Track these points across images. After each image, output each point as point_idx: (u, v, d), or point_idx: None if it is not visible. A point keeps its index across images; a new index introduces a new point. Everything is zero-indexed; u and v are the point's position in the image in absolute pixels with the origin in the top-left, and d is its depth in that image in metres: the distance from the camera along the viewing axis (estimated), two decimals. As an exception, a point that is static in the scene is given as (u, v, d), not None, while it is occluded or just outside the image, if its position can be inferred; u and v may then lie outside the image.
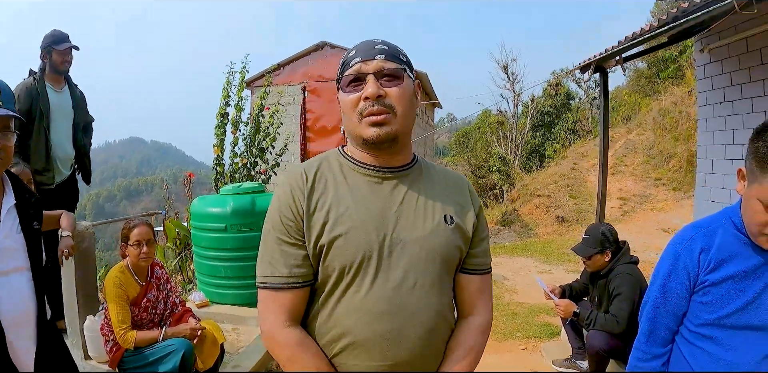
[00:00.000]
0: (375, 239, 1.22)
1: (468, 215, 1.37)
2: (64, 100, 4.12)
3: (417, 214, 1.28)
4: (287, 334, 1.23)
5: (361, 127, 1.23)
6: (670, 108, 14.72)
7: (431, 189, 1.35)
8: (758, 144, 1.42)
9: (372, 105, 1.21)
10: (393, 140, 1.25)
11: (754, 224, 1.45)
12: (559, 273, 7.71)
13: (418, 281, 1.24)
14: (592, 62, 4.96)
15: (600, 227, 3.69)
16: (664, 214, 11.58)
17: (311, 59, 14.40)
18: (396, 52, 1.27)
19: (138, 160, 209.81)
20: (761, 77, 4.25)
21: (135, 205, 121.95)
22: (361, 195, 1.27)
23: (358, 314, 1.21)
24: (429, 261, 1.26)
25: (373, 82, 1.21)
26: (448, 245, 1.29)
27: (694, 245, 1.58)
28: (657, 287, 1.67)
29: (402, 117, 1.25)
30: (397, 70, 1.25)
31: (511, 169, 22.35)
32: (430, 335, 1.25)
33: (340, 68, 1.30)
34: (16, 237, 1.73)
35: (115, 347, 3.10)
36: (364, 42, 1.29)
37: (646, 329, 1.71)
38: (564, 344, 4.39)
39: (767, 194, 1.38)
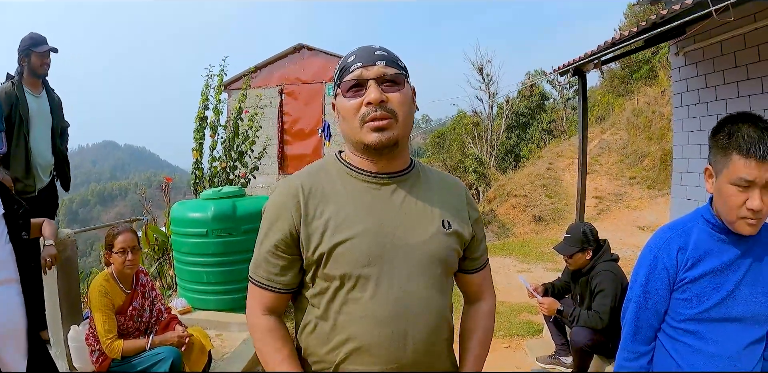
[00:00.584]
0: (376, 245, 1.24)
1: (465, 220, 1.40)
2: (42, 105, 4.06)
3: (416, 219, 1.30)
4: (261, 321, 1.33)
5: (363, 133, 1.24)
6: (644, 108, 14.97)
7: (429, 194, 1.37)
8: (718, 136, 1.54)
9: (375, 110, 1.22)
10: (394, 145, 1.27)
11: (730, 210, 1.51)
12: (539, 272, 7.80)
13: (420, 285, 1.26)
14: (571, 67, 5.04)
15: (581, 226, 3.75)
16: (639, 212, 11.78)
17: (288, 62, 14.34)
18: (395, 58, 1.29)
19: (112, 164, 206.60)
20: (735, 79, 4.36)
21: (109, 210, 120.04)
22: (360, 202, 1.29)
23: (363, 319, 1.23)
24: (429, 265, 1.28)
25: (375, 88, 1.22)
26: (446, 249, 1.32)
27: (671, 245, 1.65)
28: (638, 287, 1.72)
29: (403, 122, 1.27)
30: (398, 76, 1.26)
31: (487, 169, 22.50)
32: (434, 337, 1.28)
33: (337, 73, 1.31)
34: (4, 247, 1.70)
35: (101, 357, 3.07)
36: (362, 48, 1.30)
37: (631, 329, 1.76)
38: (547, 341, 4.45)
39: (736, 175, 1.46)
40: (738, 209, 1.49)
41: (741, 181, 1.46)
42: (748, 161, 1.44)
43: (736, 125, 1.50)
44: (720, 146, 1.52)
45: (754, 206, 1.44)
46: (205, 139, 7.36)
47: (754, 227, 1.50)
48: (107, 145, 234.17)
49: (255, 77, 13.32)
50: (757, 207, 1.44)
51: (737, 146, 1.47)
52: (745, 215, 1.48)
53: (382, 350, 1.22)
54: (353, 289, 1.24)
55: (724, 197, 1.53)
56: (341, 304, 1.25)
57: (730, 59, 4.40)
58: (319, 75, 13.94)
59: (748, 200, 1.46)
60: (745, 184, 1.46)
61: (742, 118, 1.52)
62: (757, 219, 1.48)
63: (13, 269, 1.71)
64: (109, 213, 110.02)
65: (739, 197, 1.48)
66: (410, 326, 1.24)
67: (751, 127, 1.47)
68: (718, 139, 1.53)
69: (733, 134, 1.49)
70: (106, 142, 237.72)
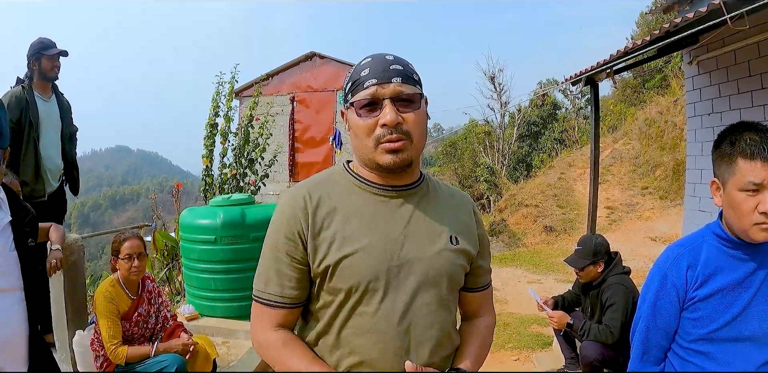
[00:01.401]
0: (383, 258, 1.22)
1: (471, 236, 1.38)
2: (52, 109, 4.08)
3: (424, 234, 1.28)
4: (273, 335, 1.26)
5: (377, 154, 1.21)
6: (656, 117, 14.88)
7: (437, 209, 1.34)
8: (721, 146, 1.54)
9: (390, 132, 1.19)
10: (407, 165, 1.25)
11: (743, 217, 1.48)
12: (549, 283, 7.72)
13: (426, 300, 1.24)
14: (583, 76, 5.00)
15: (593, 238, 3.70)
16: (652, 222, 11.67)
17: (300, 69, 14.41)
18: (410, 71, 1.24)
19: (124, 169, 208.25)
20: (749, 89, 4.31)
21: (120, 214, 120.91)
22: (368, 214, 1.26)
23: (367, 334, 1.20)
24: (436, 281, 1.26)
25: (391, 109, 1.18)
26: (453, 265, 1.29)
27: (681, 263, 1.61)
28: (647, 306, 1.68)
29: (417, 143, 1.24)
30: (414, 96, 1.22)
31: (498, 179, 22.41)
32: (437, 352, 1.26)
33: (350, 85, 1.26)
34: (8, 255, 1.69)
35: (105, 362, 3.05)
36: (376, 59, 1.24)
37: (640, 349, 1.72)
38: (556, 354, 4.39)
39: (744, 180, 1.45)
40: (750, 215, 1.46)
41: (749, 186, 1.44)
42: (754, 164, 1.43)
43: (737, 133, 1.50)
44: (724, 155, 1.52)
45: (766, 208, 1.42)
46: (215, 146, 7.40)
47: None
48: (120, 150, 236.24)
49: (266, 85, 13.39)
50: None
51: (741, 151, 1.46)
52: (759, 221, 1.44)
53: (386, 365, 1.20)
54: (358, 303, 1.21)
55: (734, 205, 1.50)
56: (346, 318, 1.22)
57: (744, 68, 4.35)
58: (330, 83, 14.00)
59: (759, 204, 1.43)
60: (754, 188, 1.44)
61: (741, 126, 1.52)
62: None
63: (16, 276, 1.69)
64: (120, 217, 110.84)
65: (750, 202, 1.45)
66: (414, 342, 1.22)
67: (751, 132, 1.47)
68: (722, 149, 1.53)
69: (735, 141, 1.49)
70: (119, 147, 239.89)
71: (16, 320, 1.68)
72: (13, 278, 1.69)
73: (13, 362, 1.65)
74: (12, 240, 1.71)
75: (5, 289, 1.65)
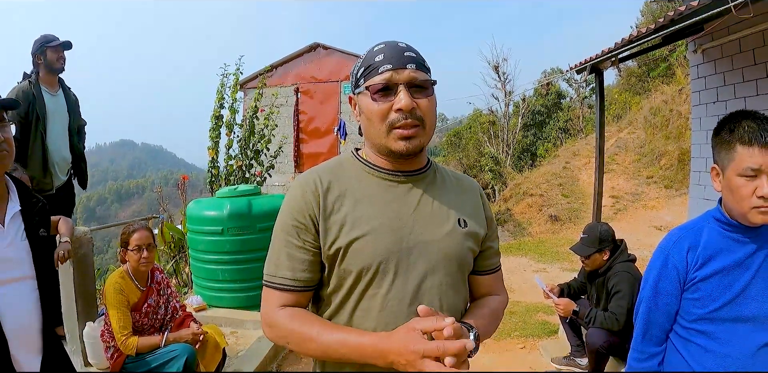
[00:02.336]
0: (393, 241, 1.23)
1: (479, 219, 1.39)
2: (59, 103, 4.10)
3: (433, 217, 1.29)
4: (280, 313, 1.25)
5: (390, 139, 1.23)
6: (661, 106, 14.82)
7: (445, 193, 1.36)
8: (720, 134, 1.60)
9: (405, 117, 1.20)
10: (419, 152, 1.27)
11: (741, 201, 1.53)
12: (555, 271, 7.74)
13: (436, 282, 1.26)
14: (588, 64, 4.99)
15: (598, 226, 3.71)
16: (657, 211, 11.66)
17: (304, 60, 14.37)
18: (422, 59, 1.26)
19: (129, 162, 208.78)
20: (754, 77, 4.29)
21: (126, 208, 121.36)
22: (377, 198, 1.28)
23: (379, 315, 1.22)
24: (445, 263, 1.27)
25: (406, 94, 1.19)
26: (462, 247, 1.31)
27: (682, 245, 1.67)
28: (649, 287, 1.74)
29: (429, 129, 1.26)
30: (427, 82, 1.23)
31: (503, 168, 22.36)
32: None
33: (362, 70, 1.27)
34: (20, 245, 1.70)
35: (116, 353, 3.09)
36: (389, 46, 1.25)
37: (641, 329, 1.77)
38: (562, 342, 4.41)
39: (742, 165, 1.52)
40: (749, 199, 1.51)
41: (748, 171, 1.50)
42: (752, 150, 1.49)
43: (736, 121, 1.55)
44: (723, 142, 1.58)
45: (764, 192, 1.47)
46: (221, 138, 7.42)
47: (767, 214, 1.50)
48: (125, 143, 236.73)
49: (271, 76, 13.36)
50: (767, 194, 1.47)
51: (739, 138, 1.52)
52: (757, 204, 1.50)
53: None
54: (369, 285, 1.23)
55: (733, 190, 1.55)
56: (357, 300, 1.24)
57: (749, 57, 4.33)
58: (334, 74, 13.96)
59: (757, 189, 1.49)
60: (752, 174, 1.50)
61: (740, 114, 1.57)
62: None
63: (29, 265, 1.70)
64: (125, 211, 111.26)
65: (748, 187, 1.51)
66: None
67: (749, 120, 1.52)
68: (721, 136, 1.59)
69: (734, 129, 1.54)
70: (124, 141, 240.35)
71: (30, 309, 1.69)
72: (26, 267, 1.69)
73: (27, 350, 1.66)
74: (23, 229, 1.72)
75: (18, 278, 1.66)
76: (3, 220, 1.67)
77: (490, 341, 4.88)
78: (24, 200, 1.77)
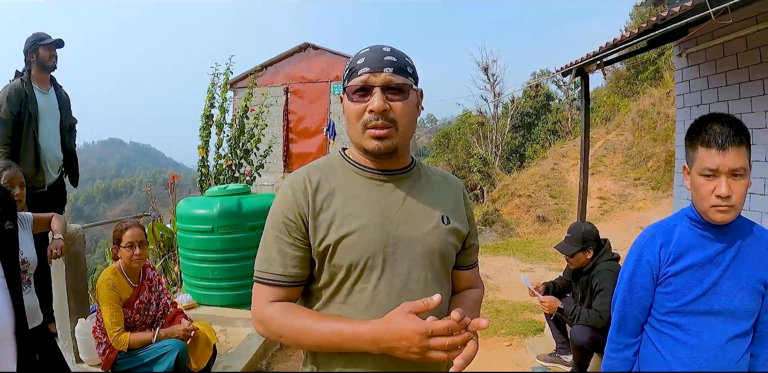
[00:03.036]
0: (380, 237, 1.28)
1: (462, 217, 1.45)
2: (51, 101, 4.12)
3: (417, 214, 1.34)
4: (272, 307, 1.28)
5: (364, 139, 1.28)
6: (649, 109, 14.98)
7: (429, 191, 1.41)
8: (690, 135, 1.68)
9: (377, 118, 1.25)
10: (392, 152, 1.31)
11: (702, 199, 1.62)
12: (541, 271, 7.82)
13: (421, 277, 1.30)
14: (574, 67, 5.07)
15: (582, 225, 3.79)
16: (644, 213, 11.79)
17: (294, 61, 14.41)
18: (403, 63, 1.30)
19: (117, 161, 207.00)
20: (736, 81, 4.38)
21: (114, 207, 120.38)
22: (364, 196, 1.32)
23: (367, 309, 1.26)
24: (430, 258, 1.32)
25: (379, 96, 1.24)
26: (445, 243, 1.36)
27: (655, 241, 1.76)
28: (624, 282, 1.84)
29: (403, 131, 1.30)
30: (404, 85, 1.28)
31: (492, 169, 22.47)
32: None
33: (346, 73, 1.33)
34: None
35: (108, 349, 3.12)
36: (372, 49, 1.31)
37: (617, 321, 1.86)
38: (548, 339, 4.48)
39: (702, 165, 1.61)
40: (709, 198, 1.59)
41: (706, 171, 1.59)
42: (710, 151, 1.58)
43: (703, 123, 1.64)
44: (690, 143, 1.67)
45: (721, 192, 1.56)
46: (211, 137, 7.44)
47: (725, 213, 1.59)
48: (113, 142, 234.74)
49: (261, 76, 13.36)
50: (723, 193, 1.55)
51: (701, 140, 1.61)
52: (715, 203, 1.58)
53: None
54: (358, 280, 1.27)
55: (696, 189, 1.64)
56: (346, 295, 1.28)
57: (732, 61, 4.42)
58: (324, 74, 14.00)
59: (716, 188, 1.57)
60: (711, 173, 1.58)
61: (709, 117, 1.65)
62: (727, 206, 1.57)
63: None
64: (114, 210, 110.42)
65: (708, 186, 1.59)
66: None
67: (716, 123, 1.60)
68: (690, 137, 1.67)
69: (699, 131, 1.63)
70: (112, 140, 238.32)
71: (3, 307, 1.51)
72: None
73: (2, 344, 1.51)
74: None
75: None
76: None
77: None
78: None
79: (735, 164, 1.55)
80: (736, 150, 1.56)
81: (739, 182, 1.57)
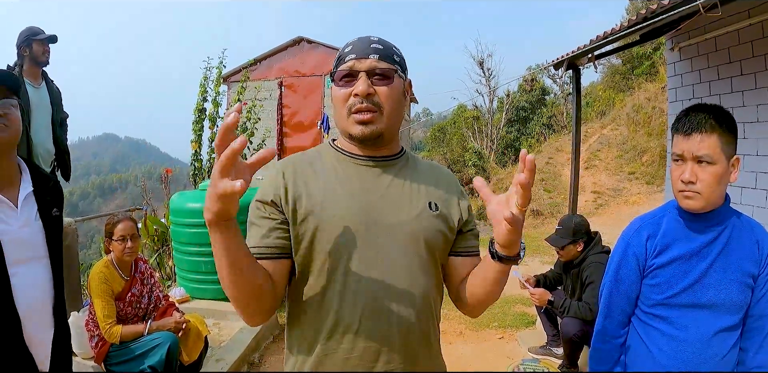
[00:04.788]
0: (361, 223, 1.27)
1: (454, 206, 1.42)
2: (42, 96, 4.11)
3: (402, 199, 1.34)
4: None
5: (349, 123, 1.30)
6: (644, 104, 15.03)
7: (417, 178, 1.40)
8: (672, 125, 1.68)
9: (361, 102, 1.27)
10: (378, 138, 1.31)
11: (673, 185, 1.65)
12: (535, 265, 7.86)
13: (406, 262, 1.29)
14: (565, 60, 5.08)
15: (572, 218, 3.81)
16: (638, 207, 11.84)
17: (288, 54, 14.37)
18: (390, 51, 1.32)
19: (112, 157, 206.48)
20: (728, 75, 4.40)
21: (109, 202, 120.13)
22: (347, 182, 1.33)
23: (349, 295, 1.26)
24: (413, 244, 1.31)
25: (364, 80, 1.27)
26: (431, 229, 1.34)
27: (642, 233, 1.75)
28: (611, 273, 1.83)
29: (388, 116, 1.31)
30: (389, 71, 1.30)
31: (487, 163, 22.50)
32: (417, 316, 1.30)
33: (335, 62, 1.35)
34: (34, 225, 1.73)
35: (100, 342, 3.13)
36: (360, 39, 1.34)
37: (604, 312, 1.85)
38: (539, 332, 4.52)
39: (672, 150, 1.64)
40: (677, 183, 1.61)
41: (674, 156, 1.62)
42: (678, 137, 1.61)
43: (686, 112, 1.64)
44: (672, 132, 1.68)
45: (684, 177, 1.57)
46: (204, 131, 7.41)
47: (691, 199, 1.59)
48: (107, 137, 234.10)
49: (254, 70, 13.35)
50: (685, 178, 1.57)
51: (675, 127, 1.63)
52: (681, 188, 1.60)
53: (368, 324, 1.25)
54: (338, 265, 1.27)
55: (671, 175, 1.66)
56: (327, 279, 1.27)
57: (724, 55, 4.44)
58: (318, 68, 13.99)
59: (682, 174, 1.58)
60: (678, 159, 1.61)
61: (693, 107, 1.65)
62: (692, 192, 1.58)
63: (42, 246, 1.74)
64: (109, 205, 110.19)
65: (676, 172, 1.62)
66: (394, 303, 1.27)
67: (696, 112, 1.61)
68: (672, 127, 1.68)
69: (677, 120, 1.64)
70: (107, 135, 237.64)
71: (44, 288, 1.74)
72: (39, 247, 1.73)
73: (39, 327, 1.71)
74: (36, 210, 1.75)
75: (32, 258, 1.71)
76: (16, 201, 1.70)
77: (470, 332, 4.98)
78: (36, 181, 1.80)
79: (699, 150, 1.55)
80: (702, 136, 1.55)
81: (705, 169, 1.56)
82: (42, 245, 1.74)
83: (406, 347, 1.30)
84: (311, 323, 1.30)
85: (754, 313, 1.66)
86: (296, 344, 1.34)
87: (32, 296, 1.68)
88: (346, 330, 1.26)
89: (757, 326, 1.66)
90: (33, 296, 1.68)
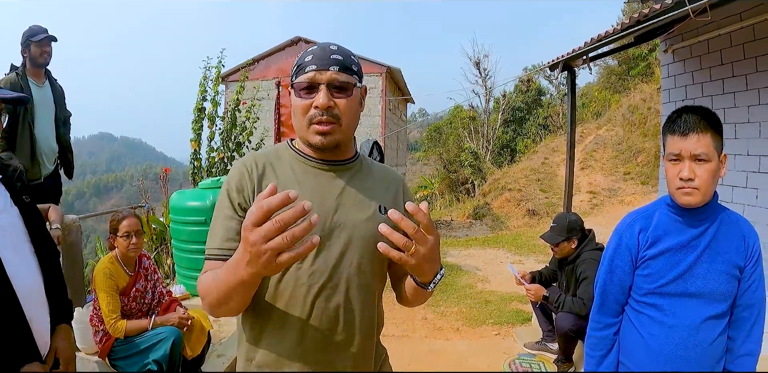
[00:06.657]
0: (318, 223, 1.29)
1: (399, 208, 1.48)
2: (46, 95, 4.17)
3: (355, 202, 1.41)
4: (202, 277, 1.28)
5: (309, 133, 1.35)
6: (639, 104, 15.13)
7: (368, 183, 1.48)
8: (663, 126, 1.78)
9: (321, 114, 1.32)
10: (335, 147, 1.38)
11: (670, 183, 1.74)
12: (530, 263, 7.95)
13: (354, 261, 1.37)
14: (560, 61, 5.16)
15: (567, 215, 3.89)
16: (633, 207, 11.90)
17: (285, 54, 14.43)
18: (349, 62, 1.36)
19: (107, 156, 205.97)
20: (720, 77, 4.49)
21: (105, 202, 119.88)
22: (305, 183, 1.39)
23: (301, 288, 1.32)
24: (363, 244, 1.38)
25: (325, 93, 1.31)
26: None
27: (635, 227, 1.86)
28: (605, 265, 1.94)
29: (346, 127, 1.37)
30: (348, 84, 1.35)
31: (483, 163, 22.59)
32: (363, 312, 1.39)
33: (294, 69, 1.39)
34: (11, 211, 1.75)
35: (104, 337, 3.17)
36: (321, 47, 1.38)
37: (599, 301, 1.97)
38: (535, 328, 4.59)
39: (668, 151, 1.73)
40: (674, 181, 1.70)
41: (671, 156, 1.71)
42: (674, 137, 1.70)
43: (675, 114, 1.74)
44: (663, 133, 1.78)
45: (683, 175, 1.66)
46: (203, 131, 7.47)
47: (690, 195, 1.68)
48: (103, 137, 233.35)
49: (252, 70, 13.38)
50: (685, 176, 1.66)
51: (669, 128, 1.72)
52: (679, 185, 1.69)
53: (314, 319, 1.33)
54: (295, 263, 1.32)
55: (665, 174, 1.75)
56: (281, 274, 1.33)
57: (717, 57, 4.53)
58: (316, 68, 14.01)
59: (679, 172, 1.68)
60: (675, 158, 1.70)
61: (683, 109, 1.74)
62: (691, 188, 1.67)
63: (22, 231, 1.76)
64: (104, 205, 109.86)
65: (673, 170, 1.70)
66: (344, 297, 1.35)
67: (683, 113, 1.71)
68: (663, 128, 1.78)
69: (669, 121, 1.74)
70: (102, 134, 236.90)
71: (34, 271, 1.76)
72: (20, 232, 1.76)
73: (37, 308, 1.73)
74: (9, 197, 1.77)
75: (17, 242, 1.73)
76: None
77: (467, 329, 5.05)
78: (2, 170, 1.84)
79: (696, 149, 1.65)
80: (698, 136, 1.66)
81: (702, 167, 1.66)
82: (22, 229, 1.76)
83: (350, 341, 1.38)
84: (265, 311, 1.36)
85: (741, 303, 1.77)
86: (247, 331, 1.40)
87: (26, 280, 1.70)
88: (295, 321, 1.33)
89: (744, 316, 1.77)
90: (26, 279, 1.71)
